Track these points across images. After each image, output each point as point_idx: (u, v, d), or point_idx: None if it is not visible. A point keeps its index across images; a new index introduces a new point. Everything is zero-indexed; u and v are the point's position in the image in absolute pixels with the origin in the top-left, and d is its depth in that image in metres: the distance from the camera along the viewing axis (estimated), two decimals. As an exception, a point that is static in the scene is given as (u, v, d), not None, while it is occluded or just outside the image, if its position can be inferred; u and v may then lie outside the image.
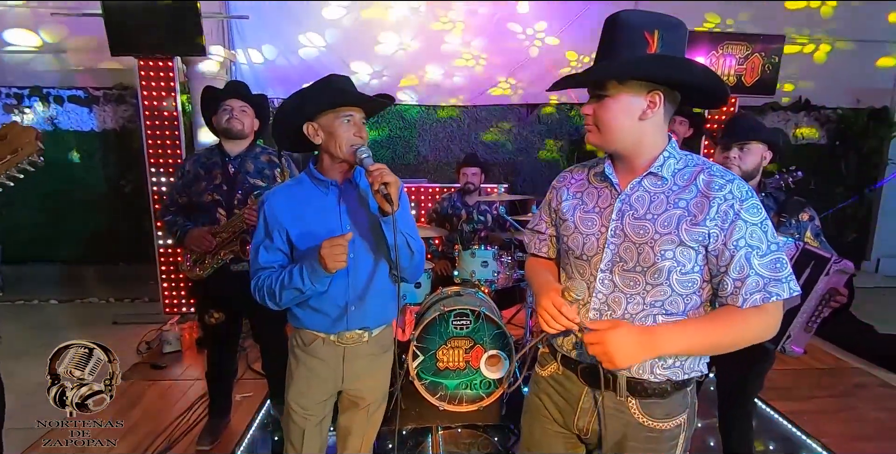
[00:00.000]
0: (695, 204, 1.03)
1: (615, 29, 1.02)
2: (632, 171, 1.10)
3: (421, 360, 2.54)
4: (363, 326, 1.52)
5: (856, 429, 2.65)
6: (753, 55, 4.26)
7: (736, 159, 1.76)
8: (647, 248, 1.04)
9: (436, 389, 2.56)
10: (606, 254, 1.09)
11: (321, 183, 1.47)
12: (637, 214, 1.07)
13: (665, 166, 1.07)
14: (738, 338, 1.04)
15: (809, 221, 1.79)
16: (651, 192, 1.07)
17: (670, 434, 1.13)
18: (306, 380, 1.55)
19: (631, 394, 1.10)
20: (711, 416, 2.60)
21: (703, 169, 1.06)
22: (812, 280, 1.54)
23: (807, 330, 1.58)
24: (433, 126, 5.19)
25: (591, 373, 1.13)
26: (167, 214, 2.28)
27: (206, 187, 2.14)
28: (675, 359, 1.09)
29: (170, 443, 2.39)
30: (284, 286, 1.40)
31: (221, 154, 2.18)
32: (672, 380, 1.10)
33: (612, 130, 1.06)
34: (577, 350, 1.15)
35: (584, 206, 1.15)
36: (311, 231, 1.44)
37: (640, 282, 1.06)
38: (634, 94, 1.03)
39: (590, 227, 1.13)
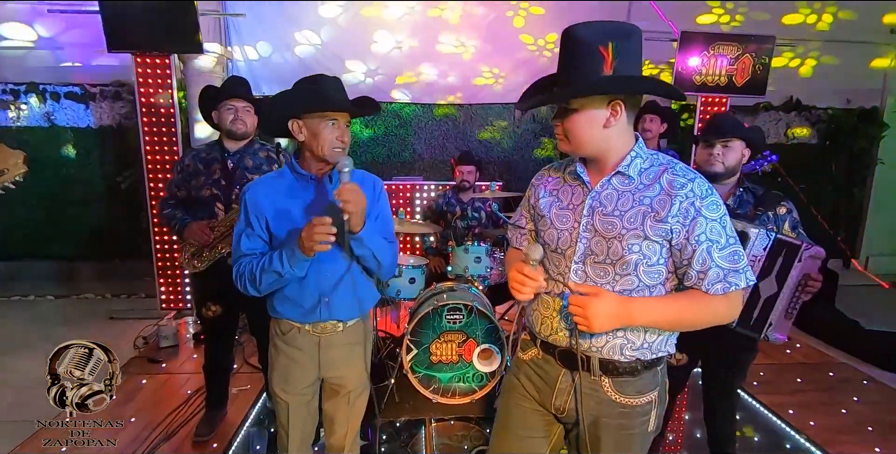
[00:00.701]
0: (658, 201, 1.11)
1: (571, 45, 1.08)
2: (601, 170, 1.18)
3: (415, 354, 2.58)
4: (336, 318, 1.57)
5: (839, 421, 2.72)
6: (744, 56, 4.33)
7: (719, 156, 1.82)
8: (616, 243, 1.13)
9: (429, 382, 2.61)
10: (579, 248, 1.18)
11: (301, 177, 1.52)
12: (606, 211, 1.15)
13: (632, 166, 1.14)
14: (700, 319, 1.15)
15: (787, 214, 1.85)
16: (619, 190, 1.15)
17: (642, 410, 1.22)
18: (286, 368, 1.61)
19: (604, 374, 1.19)
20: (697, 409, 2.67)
21: (666, 168, 1.14)
22: (786, 268, 1.60)
23: (787, 317, 1.64)
24: (429, 124, 5.23)
25: (568, 356, 1.22)
26: (166, 207, 2.32)
27: (205, 182, 2.18)
28: (643, 341, 1.17)
29: (167, 434, 2.43)
30: (265, 269, 1.44)
31: (221, 150, 2.22)
32: (641, 359, 1.18)
33: (580, 140, 1.14)
34: (554, 335, 1.23)
35: (560, 203, 1.24)
36: (289, 222, 1.50)
37: (609, 273, 1.15)
38: (597, 106, 1.10)
39: (564, 223, 1.21)
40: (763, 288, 1.61)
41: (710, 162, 1.83)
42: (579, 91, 1.09)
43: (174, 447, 2.36)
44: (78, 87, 4.78)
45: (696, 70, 4.32)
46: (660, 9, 4.74)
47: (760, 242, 1.59)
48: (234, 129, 2.17)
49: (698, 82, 4.36)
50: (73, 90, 4.78)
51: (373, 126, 5.13)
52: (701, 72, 4.33)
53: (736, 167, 1.84)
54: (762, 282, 1.61)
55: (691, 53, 4.30)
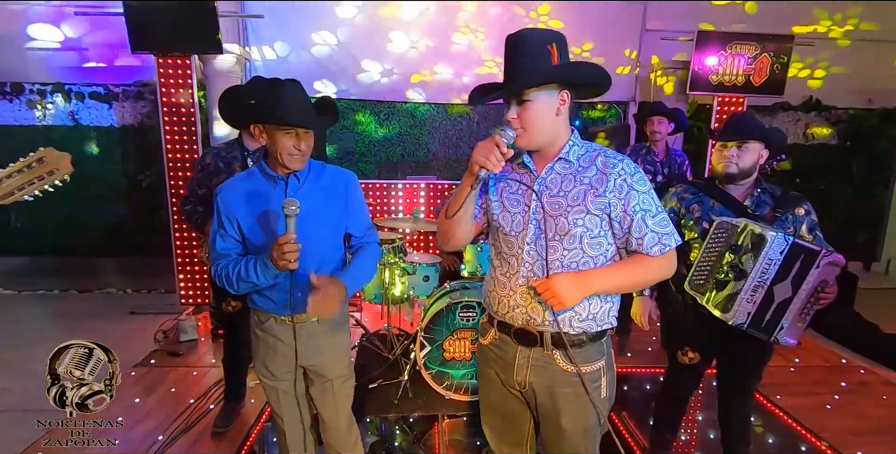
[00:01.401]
0: (595, 179, 1.28)
1: (523, 44, 1.23)
2: (545, 158, 1.33)
3: (428, 351, 2.62)
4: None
5: (856, 425, 2.69)
6: (762, 55, 4.28)
7: (734, 157, 1.80)
8: (562, 219, 1.27)
9: (442, 379, 2.65)
10: (530, 229, 1.31)
11: (270, 177, 1.57)
12: (552, 193, 1.30)
13: (571, 152, 1.31)
14: (647, 277, 1.34)
15: (805, 216, 1.83)
16: (562, 174, 1.31)
17: (592, 376, 1.35)
18: (266, 356, 1.66)
19: (555, 348, 1.33)
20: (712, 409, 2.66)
21: (599, 153, 1.31)
22: (802, 273, 1.58)
23: (800, 321, 1.63)
24: (443, 123, 5.25)
25: (523, 334, 1.35)
26: (186, 204, 2.38)
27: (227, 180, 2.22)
28: (588, 313, 1.32)
29: (187, 425, 2.50)
30: (241, 278, 1.51)
31: (241, 148, 2.27)
32: (587, 332, 1.33)
33: (537, 128, 1.26)
34: (511, 312, 1.34)
35: (509, 188, 1.37)
36: (259, 221, 1.55)
37: (558, 249, 1.29)
38: (549, 95, 1.25)
39: (515, 206, 1.35)
40: (777, 291, 1.60)
41: (724, 163, 1.81)
42: (542, 77, 1.22)
43: (193, 438, 2.43)
44: (101, 87, 4.90)
45: (713, 70, 4.29)
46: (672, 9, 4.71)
47: (777, 246, 1.57)
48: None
49: (715, 82, 4.32)
50: (96, 90, 4.91)
51: (387, 125, 5.18)
52: (718, 71, 4.29)
53: (752, 169, 1.81)
54: (776, 286, 1.60)
55: (708, 53, 4.26)
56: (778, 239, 1.58)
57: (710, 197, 1.89)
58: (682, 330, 2.00)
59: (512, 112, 1.26)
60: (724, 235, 1.75)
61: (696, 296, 1.82)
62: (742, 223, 1.70)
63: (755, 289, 1.62)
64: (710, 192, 1.89)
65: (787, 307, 1.60)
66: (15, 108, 4.89)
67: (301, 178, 1.57)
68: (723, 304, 1.69)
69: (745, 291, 1.63)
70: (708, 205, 1.88)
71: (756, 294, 1.62)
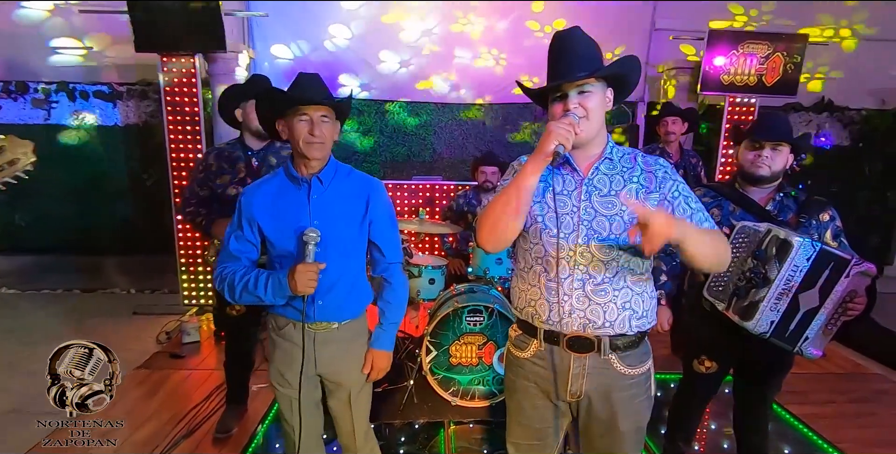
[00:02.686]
0: (644, 178, 1.30)
1: (580, 38, 1.27)
2: (587, 159, 1.32)
3: (434, 355, 2.56)
4: (328, 320, 1.56)
5: (874, 434, 2.61)
6: (775, 54, 4.20)
7: (767, 159, 1.73)
8: (618, 219, 1.26)
9: (448, 384, 2.59)
10: (582, 230, 1.28)
11: (294, 179, 1.53)
12: (602, 193, 1.29)
13: (614, 152, 1.32)
14: (720, 244, 1.28)
15: (830, 222, 1.76)
16: (608, 174, 1.31)
17: (644, 377, 1.37)
18: (282, 362, 1.61)
19: (612, 351, 1.31)
20: (723, 418, 2.59)
21: (635, 154, 1.35)
22: (831, 282, 1.51)
23: (825, 333, 1.56)
24: (449, 124, 5.20)
25: (577, 341, 1.30)
26: (188, 206, 2.33)
27: (231, 181, 2.19)
28: (643, 310, 1.32)
29: (189, 430, 2.45)
30: (247, 289, 1.48)
31: (243, 148, 2.22)
32: (640, 331, 1.33)
33: (597, 117, 1.27)
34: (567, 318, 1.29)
35: (553, 189, 1.32)
36: (281, 225, 1.51)
37: (613, 248, 1.27)
38: (602, 89, 1.27)
39: (563, 207, 1.30)
40: (803, 300, 1.53)
41: (757, 164, 1.74)
42: (611, 66, 1.25)
43: (194, 443, 2.38)
44: (106, 85, 4.87)
45: (724, 69, 4.21)
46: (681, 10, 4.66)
47: (804, 252, 1.51)
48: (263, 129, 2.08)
49: (726, 82, 4.24)
50: (101, 89, 4.88)
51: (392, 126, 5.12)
52: (729, 71, 4.21)
53: (780, 172, 1.75)
54: (802, 294, 1.53)
55: (719, 52, 4.19)
56: (805, 245, 1.51)
57: (729, 201, 1.82)
58: (698, 338, 1.93)
59: (573, 101, 1.24)
60: (745, 240, 1.68)
61: (714, 302, 1.75)
62: (765, 228, 1.63)
63: (779, 296, 1.55)
64: (730, 196, 1.82)
65: (813, 317, 1.53)
66: (20, 106, 4.87)
67: (324, 181, 1.53)
68: (744, 312, 1.62)
69: (768, 299, 1.56)
70: (728, 209, 1.81)
71: (780, 302, 1.55)
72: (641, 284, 1.31)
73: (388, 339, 1.65)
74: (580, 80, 1.22)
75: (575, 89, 1.24)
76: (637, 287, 1.30)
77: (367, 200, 1.57)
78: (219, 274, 1.54)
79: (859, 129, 5.46)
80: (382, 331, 1.65)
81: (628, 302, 1.29)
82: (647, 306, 1.33)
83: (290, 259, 1.51)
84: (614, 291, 1.28)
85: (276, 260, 1.56)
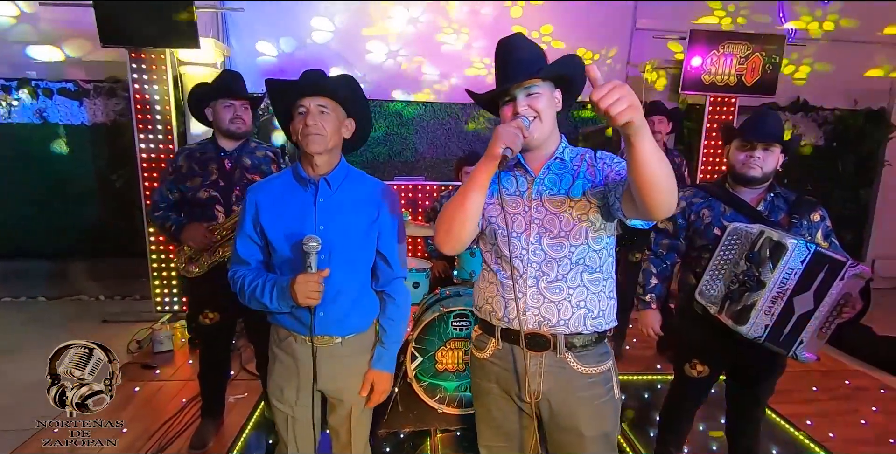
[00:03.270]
0: (590, 173, 1.31)
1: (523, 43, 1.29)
2: (539, 159, 1.33)
3: (419, 362, 2.49)
4: (331, 333, 1.47)
5: (859, 433, 2.63)
6: (754, 54, 4.23)
7: (759, 159, 1.70)
8: (566, 215, 1.28)
9: (434, 391, 2.52)
10: (533, 229, 1.30)
11: (301, 180, 1.44)
12: (552, 192, 1.30)
13: (565, 152, 1.34)
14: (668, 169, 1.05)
15: (821, 222, 1.75)
16: (559, 174, 1.32)
17: (605, 377, 1.36)
18: (282, 377, 1.52)
19: (568, 350, 1.32)
20: (712, 420, 2.58)
21: (585, 152, 1.35)
22: (826, 285, 1.49)
23: (819, 336, 1.54)
24: (430, 123, 5.13)
25: (533, 339, 1.31)
26: (157, 210, 2.20)
27: (202, 183, 2.07)
28: (599, 310, 1.32)
29: (161, 446, 2.33)
30: (254, 296, 1.41)
31: (216, 148, 2.11)
32: (597, 331, 1.33)
33: (547, 118, 1.27)
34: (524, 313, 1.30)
35: (506, 190, 1.35)
36: (284, 227, 1.43)
37: (565, 246, 1.28)
38: (550, 90, 1.28)
39: (515, 208, 1.32)
40: (798, 303, 1.50)
41: (749, 165, 1.71)
42: (554, 67, 1.25)
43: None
44: (72, 82, 4.65)
45: (705, 69, 4.23)
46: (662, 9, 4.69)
47: (798, 255, 1.48)
48: (234, 129, 2.07)
49: (707, 82, 4.27)
50: (66, 86, 4.65)
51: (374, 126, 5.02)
52: (710, 71, 4.23)
53: (772, 173, 1.73)
54: (797, 298, 1.50)
55: (698, 53, 4.21)
56: (799, 247, 1.48)
57: (720, 201, 1.79)
58: (690, 341, 1.90)
59: (522, 103, 1.26)
60: (737, 242, 1.65)
61: (707, 306, 1.72)
62: (758, 229, 1.60)
63: (774, 300, 1.53)
64: (721, 197, 1.79)
65: (807, 320, 1.51)
66: (-24, 104, 4.62)
67: (332, 184, 1.43)
68: (737, 316, 1.59)
69: (762, 303, 1.54)
70: (719, 210, 1.78)
71: (775, 305, 1.53)
72: (599, 283, 1.32)
73: (389, 359, 1.55)
74: (526, 81, 1.24)
75: (522, 91, 1.25)
76: (594, 286, 1.31)
77: (378, 208, 1.47)
78: (230, 277, 1.48)
79: (833, 128, 5.57)
80: (384, 349, 1.54)
81: (583, 300, 1.30)
82: (604, 306, 1.33)
83: (291, 266, 1.42)
84: (569, 289, 1.29)
85: (278, 265, 1.47)
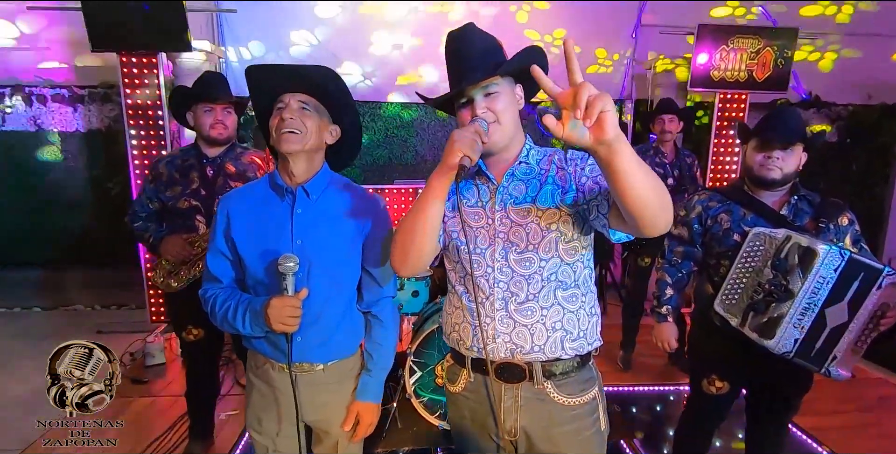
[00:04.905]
0: (560, 177, 1.15)
1: (475, 36, 1.13)
2: (502, 163, 1.17)
3: (419, 376, 2.36)
4: (311, 360, 1.34)
5: (886, 445, 2.48)
6: (765, 49, 4.09)
7: (779, 160, 1.57)
8: (534, 226, 1.12)
9: (435, 407, 2.39)
10: (498, 243, 1.14)
11: (277, 189, 1.30)
12: (517, 200, 1.14)
13: (530, 155, 1.18)
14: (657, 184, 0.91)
15: (849, 226, 1.62)
16: (524, 180, 1.16)
17: (590, 408, 1.20)
18: (259, 406, 1.39)
19: (547, 379, 1.16)
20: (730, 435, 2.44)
21: (554, 152, 1.20)
22: (861, 294, 1.36)
23: (855, 351, 1.40)
24: (432, 125, 5.01)
25: (507, 369, 1.16)
26: (136, 220, 2.09)
27: (183, 192, 1.96)
28: (579, 330, 1.16)
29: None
30: (226, 319, 1.27)
31: (198, 155, 2.00)
32: (579, 354, 1.17)
33: (508, 120, 1.12)
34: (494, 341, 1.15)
35: (467, 201, 1.19)
36: (257, 242, 1.28)
37: (534, 261, 1.13)
38: (510, 87, 1.14)
39: (477, 221, 1.17)
40: (830, 315, 1.37)
41: (768, 167, 1.58)
42: (513, 62, 1.11)
43: (155, 482, 2.14)
44: (66, 89, 4.57)
45: (714, 65, 4.08)
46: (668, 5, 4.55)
47: (831, 262, 1.34)
48: (215, 136, 1.95)
49: (716, 78, 4.12)
50: (60, 92, 4.57)
51: (373, 128, 4.91)
52: (719, 67, 4.09)
53: (794, 174, 1.60)
54: (829, 309, 1.37)
55: (709, 48, 4.06)
56: (832, 253, 1.34)
57: (740, 205, 1.65)
58: (707, 355, 1.76)
59: (480, 105, 1.11)
60: (761, 248, 1.51)
61: (727, 317, 1.58)
62: (784, 234, 1.46)
63: (804, 311, 1.39)
64: (741, 200, 1.66)
65: (841, 334, 1.37)
66: (-31, 112, 4.55)
67: (311, 193, 1.29)
68: (763, 329, 1.46)
69: (791, 314, 1.40)
70: (738, 214, 1.64)
71: (805, 318, 1.39)
72: (575, 300, 1.16)
73: (376, 388, 1.40)
74: (483, 81, 1.09)
75: (479, 91, 1.11)
76: (570, 303, 1.15)
77: (362, 219, 1.32)
78: (202, 296, 1.35)
79: (846, 124, 5.41)
80: (370, 378, 1.39)
81: (559, 321, 1.14)
82: (584, 326, 1.17)
83: (265, 286, 1.29)
84: (542, 310, 1.13)
85: (251, 285, 1.33)
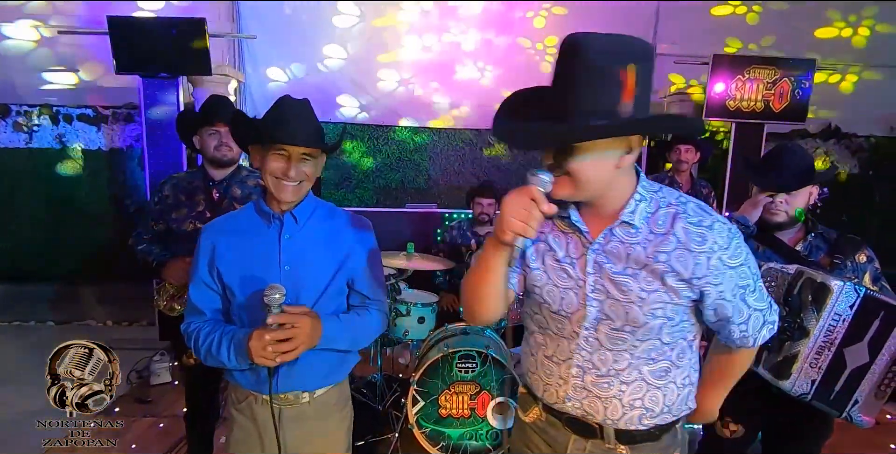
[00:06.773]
0: (677, 258, 0.94)
1: (582, 64, 0.84)
2: (600, 216, 0.99)
3: (421, 406, 2.30)
4: (299, 389, 1.30)
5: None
6: (782, 80, 4.06)
7: (783, 204, 1.54)
8: (635, 308, 0.96)
9: (437, 439, 2.32)
10: (590, 312, 1.00)
11: (264, 214, 1.29)
12: (616, 269, 0.97)
13: (637, 213, 0.96)
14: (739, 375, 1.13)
15: (868, 263, 1.56)
16: (626, 243, 0.97)
17: None
18: (240, 444, 1.34)
19: (620, 442, 1.05)
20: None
21: (677, 213, 0.96)
22: (883, 334, 1.29)
23: (878, 395, 1.32)
24: (444, 149, 5.05)
25: (577, 423, 1.07)
26: (140, 243, 2.10)
27: (188, 214, 1.97)
28: (663, 406, 1.03)
29: (142, 493, 2.17)
30: (210, 353, 1.23)
31: (204, 178, 2.02)
32: (660, 425, 1.05)
33: (588, 184, 0.92)
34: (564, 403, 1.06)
35: (554, 254, 1.03)
36: (244, 269, 1.26)
37: (627, 340, 0.99)
38: (610, 145, 0.90)
39: (565, 280, 1.02)
40: (850, 355, 1.30)
41: (772, 210, 1.54)
42: (602, 132, 0.86)
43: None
44: (90, 109, 4.74)
45: (730, 95, 4.07)
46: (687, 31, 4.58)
47: (846, 298, 1.29)
48: (220, 157, 1.97)
49: (732, 108, 4.09)
50: (85, 112, 4.74)
51: (386, 151, 4.96)
52: (735, 97, 4.07)
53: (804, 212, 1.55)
54: (848, 349, 1.31)
55: (722, 78, 4.06)
56: (847, 289, 1.29)
57: (753, 239, 1.61)
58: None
59: (547, 155, 0.93)
60: (773, 284, 1.46)
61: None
62: (795, 270, 1.41)
63: (819, 350, 1.33)
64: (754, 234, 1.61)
65: (862, 376, 1.30)
66: (0, 130, 4.72)
67: (299, 219, 1.29)
68: (778, 369, 1.39)
69: (806, 353, 1.34)
70: (751, 248, 1.59)
71: (821, 357, 1.33)
72: (665, 375, 1.01)
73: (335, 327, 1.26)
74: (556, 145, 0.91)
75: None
76: (658, 379, 1.01)
77: (349, 242, 1.32)
78: (184, 330, 1.32)
79: (868, 156, 5.31)
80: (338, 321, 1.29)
81: (639, 398, 1.01)
82: (670, 400, 1.03)
83: (250, 315, 1.26)
84: (621, 385, 1.00)
85: (236, 313, 1.30)
